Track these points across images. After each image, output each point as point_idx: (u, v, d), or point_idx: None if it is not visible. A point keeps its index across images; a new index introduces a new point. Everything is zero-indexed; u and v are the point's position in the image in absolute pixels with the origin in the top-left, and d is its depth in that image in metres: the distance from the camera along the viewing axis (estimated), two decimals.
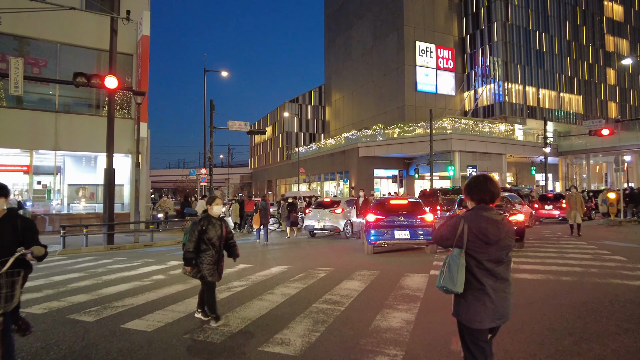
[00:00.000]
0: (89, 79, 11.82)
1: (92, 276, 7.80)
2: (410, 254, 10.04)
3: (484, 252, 2.42)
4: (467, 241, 2.43)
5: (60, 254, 11.25)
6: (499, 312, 2.43)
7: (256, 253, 11.19)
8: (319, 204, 15.05)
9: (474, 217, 2.48)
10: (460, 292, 2.40)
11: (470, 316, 2.42)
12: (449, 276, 2.43)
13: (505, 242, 2.46)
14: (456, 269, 2.40)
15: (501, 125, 40.07)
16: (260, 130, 27.95)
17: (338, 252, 10.99)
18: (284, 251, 11.47)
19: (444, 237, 2.58)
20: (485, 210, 2.49)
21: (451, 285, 2.41)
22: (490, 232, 2.41)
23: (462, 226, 2.46)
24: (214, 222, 4.70)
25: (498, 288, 2.43)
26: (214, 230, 4.67)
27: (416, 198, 10.50)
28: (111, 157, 12.91)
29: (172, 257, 10.34)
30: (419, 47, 47.01)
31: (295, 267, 8.47)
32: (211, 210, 4.79)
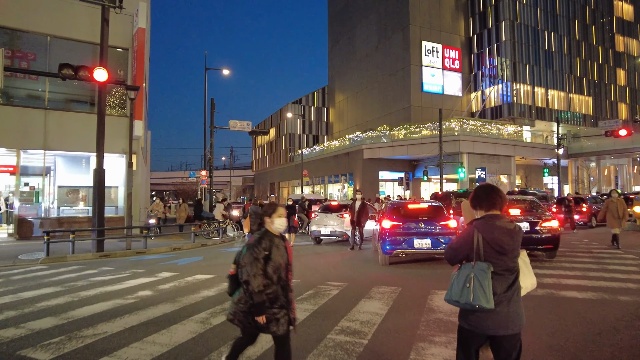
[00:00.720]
0: (76, 70, 10.82)
1: (69, 291, 6.76)
2: (432, 265, 8.96)
3: (498, 262, 2.38)
4: (483, 252, 2.38)
5: (43, 263, 10.22)
6: (512, 320, 2.37)
7: None
8: (326, 207, 13.98)
9: (487, 227, 2.43)
10: (492, 307, 2.31)
11: (479, 325, 2.38)
12: (482, 293, 2.31)
13: (518, 250, 2.45)
14: (487, 283, 2.31)
15: (510, 126, 38.99)
16: (263, 131, 26.94)
17: (349, 262, 9.92)
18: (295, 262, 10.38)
19: (459, 251, 2.50)
20: (497, 219, 2.44)
21: (485, 302, 2.30)
22: (505, 241, 2.38)
23: (477, 237, 2.40)
24: (276, 242, 3.07)
25: (509, 297, 2.38)
26: (279, 255, 3.06)
27: (437, 202, 9.44)
28: (101, 157, 11.90)
29: (164, 268, 9.30)
30: (425, 47, 46.02)
31: (302, 281, 7.41)
32: (271, 224, 3.11)
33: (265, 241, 3.03)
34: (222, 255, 11.63)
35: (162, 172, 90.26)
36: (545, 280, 7.13)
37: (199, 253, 12.06)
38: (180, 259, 10.64)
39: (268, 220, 3.13)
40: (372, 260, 10.07)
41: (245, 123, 22.51)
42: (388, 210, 9.19)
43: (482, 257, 2.39)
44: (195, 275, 8.11)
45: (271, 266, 2.98)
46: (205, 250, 12.89)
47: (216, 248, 13.49)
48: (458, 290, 2.40)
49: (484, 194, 2.54)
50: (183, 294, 6.47)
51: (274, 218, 3.12)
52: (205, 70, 24.68)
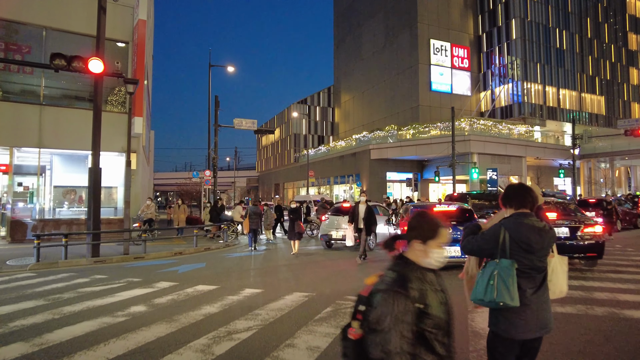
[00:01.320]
0: (69, 61, 10.00)
1: (52, 306, 5.91)
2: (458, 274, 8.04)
3: (525, 261, 2.32)
4: (509, 250, 2.32)
5: (32, 269, 9.39)
6: (541, 321, 2.33)
7: (265, 271, 9.24)
8: (337, 209, 13.06)
9: (515, 225, 2.37)
10: (517, 305, 2.24)
11: (509, 327, 2.31)
12: (505, 290, 2.24)
13: (548, 250, 2.40)
14: (511, 280, 2.25)
15: (522, 126, 37.97)
16: (269, 129, 26.19)
17: (366, 270, 9.02)
18: (299, 268, 9.51)
19: (482, 247, 2.44)
20: (525, 218, 2.40)
21: (509, 299, 2.22)
22: (533, 240, 2.32)
23: (503, 235, 2.34)
24: (433, 282, 1.79)
25: (538, 297, 2.34)
26: (440, 307, 1.74)
27: (465, 204, 8.54)
28: (97, 155, 11.07)
29: (162, 276, 8.43)
30: (434, 45, 45.05)
31: (317, 294, 6.52)
32: (428, 253, 1.80)
33: (415, 283, 1.71)
34: (226, 260, 10.76)
35: (165, 173, 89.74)
36: (597, 295, 6.20)
37: (201, 258, 11.20)
38: (181, 266, 9.78)
39: (421, 248, 1.79)
40: None
41: (250, 121, 21.70)
42: (411, 213, 8.27)
43: (507, 255, 2.33)
44: (197, 286, 7.24)
45: (428, 326, 1.67)
46: (209, 255, 12.02)
47: (220, 253, 12.62)
48: (482, 289, 2.33)
49: (515, 193, 2.49)
50: (182, 310, 5.60)
51: (431, 247, 1.78)
52: (209, 67, 23.92)
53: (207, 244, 14.22)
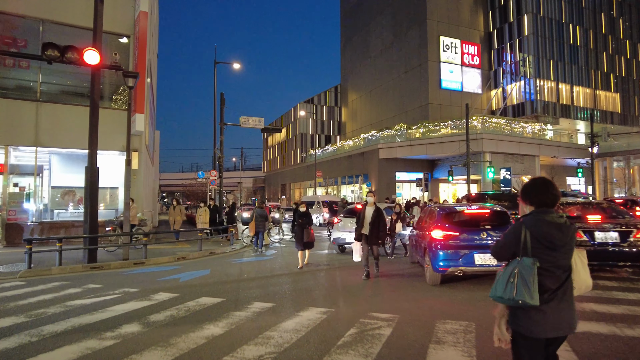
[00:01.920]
0: (63, 52, 9.26)
1: (32, 324, 5.12)
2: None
3: (548, 258, 2.26)
4: (531, 247, 2.27)
5: (22, 277, 8.64)
6: (565, 321, 2.26)
7: (274, 280, 8.41)
8: (351, 211, 12.21)
9: (536, 221, 2.31)
10: (537, 305, 2.18)
11: (530, 325, 2.25)
12: (525, 288, 2.19)
13: (571, 246, 2.31)
14: (532, 279, 2.19)
15: (536, 124, 36.90)
16: (275, 128, 25.36)
17: (388, 280, 8.15)
18: (312, 277, 8.67)
19: (505, 247, 2.43)
20: (546, 214, 2.32)
21: (528, 298, 2.17)
22: (555, 236, 2.26)
23: (524, 232, 2.29)
24: None
25: (563, 296, 2.26)
26: None
27: (500, 206, 7.67)
28: (94, 153, 10.31)
29: (162, 285, 7.63)
30: (443, 42, 44.07)
31: (336, 311, 5.68)
32: None
33: None
34: (232, 267, 9.95)
35: (171, 173, 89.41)
36: None
37: (206, 264, 10.40)
38: (183, 273, 8.99)
39: None
40: (414, 276, 8.30)
41: (257, 119, 20.90)
42: (438, 216, 7.40)
43: (529, 253, 2.27)
44: (199, 299, 6.43)
45: None
46: (214, 261, 11.23)
47: (225, 258, 11.83)
48: (502, 286, 2.29)
49: (535, 188, 2.41)
50: (181, 331, 4.79)
51: None
52: (214, 64, 23.17)
53: (212, 247, 13.44)
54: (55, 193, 14.59)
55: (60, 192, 14.68)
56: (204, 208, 15.89)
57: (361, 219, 8.22)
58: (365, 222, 8.15)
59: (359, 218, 8.27)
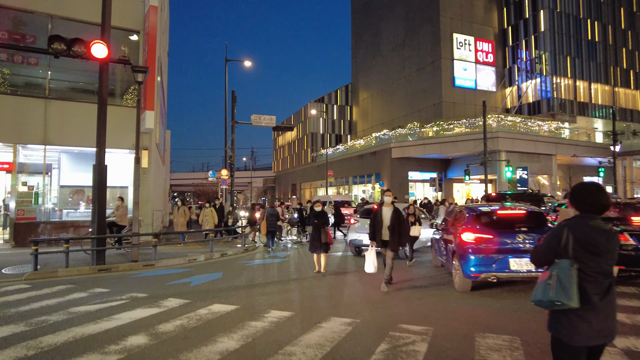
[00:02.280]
0: (69, 45, 8.89)
1: (31, 335, 4.70)
2: (532, 290, 6.60)
3: (591, 264, 2.22)
4: (572, 251, 2.23)
5: (27, 280, 8.29)
6: (606, 328, 2.22)
7: (291, 284, 7.93)
8: (368, 212, 11.66)
9: (580, 226, 2.28)
10: (576, 306, 2.14)
11: (571, 332, 2.21)
12: (561, 289, 2.15)
13: (614, 253, 2.27)
14: (569, 281, 2.17)
15: (553, 123, 35.92)
16: (287, 126, 25.05)
17: (413, 287, 7.62)
18: (331, 282, 8.16)
19: (546, 252, 2.36)
20: (591, 219, 2.29)
21: (565, 299, 2.14)
22: (600, 242, 2.23)
23: (566, 235, 2.26)
24: None
25: (605, 303, 2.22)
26: None
27: (535, 207, 7.09)
28: (102, 151, 9.94)
29: (172, 290, 7.20)
30: (457, 40, 43.25)
31: (361, 321, 5.17)
32: None
33: None
34: (245, 270, 9.49)
35: (182, 173, 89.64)
36: None
37: (218, 267, 9.97)
38: (194, 277, 8.55)
39: None
40: (441, 282, 7.74)
41: (269, 117, 20.50)
42: (469, 217, 6.85)
43: (569, 256, 2.24)
44: (212, 306, 5.97)
45: None
46: (226, 263, 10.79)
47: (238, 260, 11.39)
48: (541, 289, 2.26)
49: (587, 194, 2.33)
50: (191, 344, 4.33)
51: None
52: (225, 61, 22.83)
53: (224, 249, 13.02)
54: (64, 192, 14.31)
55: (70, 191, 14.40)
56: (210, 208, 15.11)
57: (378, 222, 7.10)
58: (384, 226, 7.03)
59: (375, 220, 7.15)
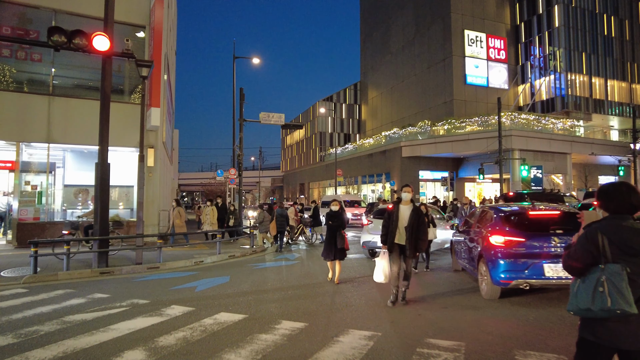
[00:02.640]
0: (70, 37, 8.48)
1: (18, 349, 4.25)
2: (565, 298, 6.02)
3: (629, 265, 2.10)
4: (611, 255, 2.12)
5: (25, 283, 7.89)
6: None
7: (302, 290, 7.43)
8: (382, 212, 11.12)
9: (613, 227, 2.17)
10: (635, 312, 2.01)
11: (611, 336, 2.11)
12: (621, 296, 2.02)
13: None
14: (625, 286, 2.03)
15: (568, 121, 35.01)
16: (297, 124, 24.54)
17: (434, 293, 7.08)
18: (346, 288, 7.64)
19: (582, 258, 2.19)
20: (623, 220, 2.19)
21: (627, 306, 2.02)
22: (636, 242, 2.12)
23: (601, 239, 2.15)
24: None
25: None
26: None
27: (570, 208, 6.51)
28: (105, 148, 9.55)
29: (176, 296, 6.73)
30: (468, 36, 42.42)
31: (384, 334, 4.64)
32: None
33: None
34: (253, 273, 9.01)
35: (190, 173, 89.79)
36: None
37: (225, 270, 9.50)
38: (200, 281, 8.09)
39: None
40: (464, 289, 7.18)
41: (277, 115, 20.03)
42: (497, 218, 6.28)
43: (610, 260, 2.13)
44: (218, 315, 5.49)
45: None
46: (234, 265, 10.32)
47: (246, 262, 10.91)
48: (588, 297, 2.11)
49: (618, 194, 2.24)
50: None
51: None
52: (234, 58, 22.41)
53: (232, 250, 12.56)
54: (68, 192, 13.97)
55: (74, 191, 14.05)
56: (211, 207, 14.53)
57: (393, 222, 6.17)
58: (400, 227, 6.11)
59: (389, 220, 6.24)
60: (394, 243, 6.14)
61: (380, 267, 6.24)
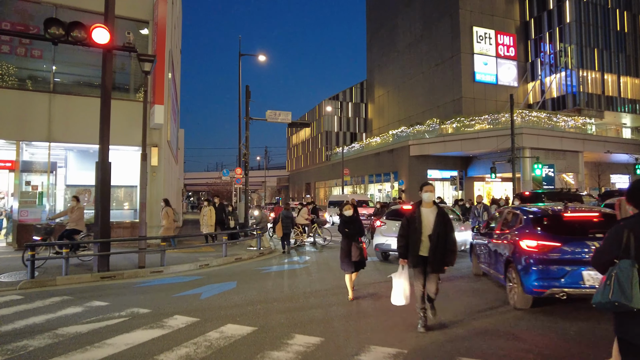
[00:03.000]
0: (67, 29, 8.06)
1: None
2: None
3: None
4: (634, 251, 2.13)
5: (21, 289, 7.47)
6: None
7: (315, 298, 6.94)
8: (395, 213, 10.62)
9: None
10: (637, 307, 2.06)
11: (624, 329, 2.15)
12: (620, 290, 2.09)
13: None
14: (628, 281, 2.08)
15: (580, 118, 34.23)
16: (304, 122, 24.06)
17: (458, 300, 6.56)
18: (361, 295, 7.12)
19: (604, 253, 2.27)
20: None
21: (624, 299, 2.07)
22: None
23: (626, 235, 2.17)
24: None
25: None
26: None
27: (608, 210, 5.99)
28: (106, 147, 9.14)
29: (179, 304, 6.26)
30: (477, 33, 41.70)
31: (410, 351, 4.14)
32: None
33: None
34: (262, 278, 8.53)
35: (196, 173, 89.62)
36: None
37: (231, 274, 9.03)
38: (205, 287, 7.62)
39: None
40: (488, 295, 6.65)
41: (285, 114, 19.56)
42: (527, 220, 5.76)
43: (631, 255, 2.14)
44: (224, 327, 5.01)
45: None
46: (240, 269, 9.86)
47: (253, 265, 10.45)
48: (601, 290, 2.19)
49: None
50: None
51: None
52: (239, 56, 21.96)
53: (238, 252, 12.11)
54: (70, 192, 13.58)
55: (76, 191, 13.66)
56: (209, 208, 13.71)
57: (415, 230, 4.93)
58: (424, 235, 4.90)
59: (409, 228, 5.00)
60: (417, 256, 4.93)
61: (399, 288, 5.04)
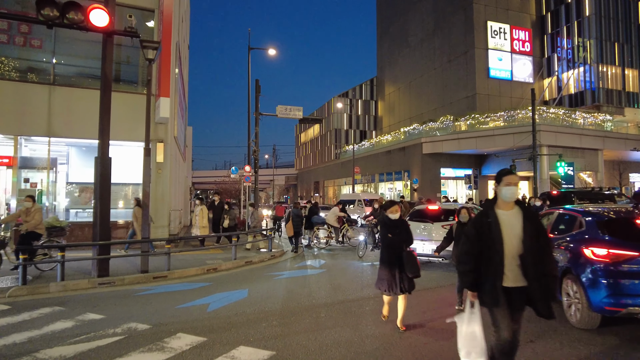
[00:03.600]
0: (62, 11, 7.31)
1: None
2: None
3: None
4: None
5: (11, 297, 6.75)
6: None
7: (340, 314, 6.12)
8: (420, 213, 9.74)
9: None
10: None
11: None
12: None
13: None
14: None
15: (600, 115, 32.98)
16: (315, 118, 23.39)
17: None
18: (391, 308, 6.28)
19: None
20: None
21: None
22: None
23: None
24: None
25: None
26: None
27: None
28: (106, 141, 8.40)
29: (184, 317, 5.47)
30: (491, 28, 40.49)
31: None
32: None
33: None
34: (275, 286, 7.72)
35: (204, 171, 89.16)
36: None
37: (242, 280, 8.24)
38: (213, 295, 6.83)
39: None
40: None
41: (296, 109, 18.79)
42: (591, 224, 4.88)
43: None
44: (236, 351, 4.20)
45: None
46: (251, 274, 9.06)
47: (265, 270, 9.65)
48: None
49: None
50: None
51: None
52: (249, 49, 21.26)
53: (249, 255, 11.32)
54: (72, 190, 12.91)
55: (77, 189, 12.99)
56: (201, 207, 12.52)
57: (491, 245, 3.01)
58: (507, 253, 2.98)
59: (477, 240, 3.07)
60: (500, 288, 2.98)
61: (467, 337, 3.20)
